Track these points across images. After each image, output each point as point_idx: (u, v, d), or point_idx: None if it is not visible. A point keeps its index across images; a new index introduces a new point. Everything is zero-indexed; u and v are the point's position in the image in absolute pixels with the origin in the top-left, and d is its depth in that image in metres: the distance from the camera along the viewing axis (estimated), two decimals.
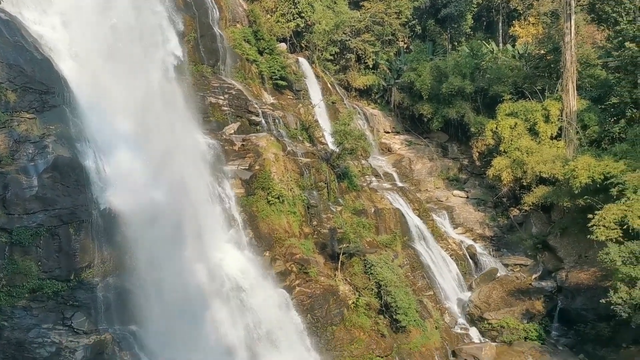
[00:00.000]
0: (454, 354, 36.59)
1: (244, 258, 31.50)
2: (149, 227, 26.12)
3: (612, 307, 31.61)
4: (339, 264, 35.52)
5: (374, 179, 50.14)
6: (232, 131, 39.02)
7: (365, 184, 46.38)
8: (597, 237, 34.59)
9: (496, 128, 50.12)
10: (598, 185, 37.89)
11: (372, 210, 42.18)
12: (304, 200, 37.54)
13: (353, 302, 33.66)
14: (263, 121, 42.38)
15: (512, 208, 50.46)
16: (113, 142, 27.08)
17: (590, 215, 35.73)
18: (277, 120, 43.65)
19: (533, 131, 48.83)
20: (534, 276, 43.43)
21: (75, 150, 25.93)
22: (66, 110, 26.65)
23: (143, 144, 27.52)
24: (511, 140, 48.81)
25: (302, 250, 34.69)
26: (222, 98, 41.12)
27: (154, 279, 25.89)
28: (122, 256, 25.77)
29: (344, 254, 35.62)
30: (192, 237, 28.54)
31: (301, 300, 32.43)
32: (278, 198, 35.14)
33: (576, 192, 39.04)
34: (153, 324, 25.31)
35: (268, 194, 35.10)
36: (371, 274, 35.45)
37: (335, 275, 35.19)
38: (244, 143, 37.35)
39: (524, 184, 47.48)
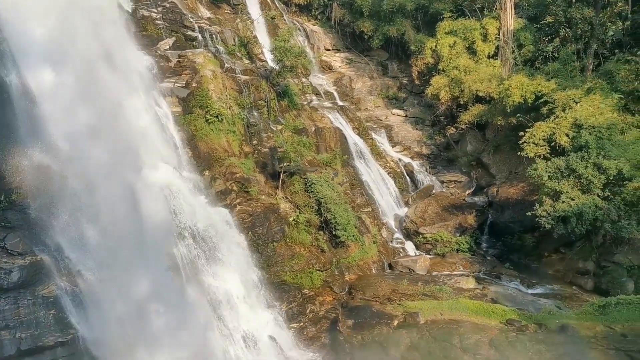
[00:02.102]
0: (390, 266, 38.29)
1: (183, 177, 31.13)
2: (82, 146, 25.18)
3: (537, 219, 33.66)
4: (280, 182, 35.79)
5: (314, 97, 49.87)
6: (167, 47, 37.48)
7: (305, 103, 46.12)
8: (526, 153, 36.23)
9: (436, 46, 50.32)
10: (530, 104, 39.24)
11: (313, 129, 42.23)
12: (244, 119, 37.10)
13: (294, 220, 34.22)
14: (199, 37, 40.83)
15: (449, 126, 51.70)
16: (37, 55, 25.24)
17: (521, 133, 37.20)
18: (214, 36, 42.14)
19: (471, 50, 49.36)
20: (467, 192, 45.36)
21: None
22: None
23: (71, 56, 25.85)
24: (450, 59, 49.23)
25: (242, 170, 34.63)
26: (156, 11, 39.12)
27: (90, 202, 25.28)
28: (54, 178, 24.88)
29: (284, 172, 35.84)
30: (128, 157, 27.80)
31: (242, 218, 32.73)
32: (217, 117, 34.52)
33: (509, 110, 40.35)
34: (90, 244, 24.96)
35: (206, 112, 34.39)
36: (311, 191, 35.97)
37: (276, 193, 35.52)
38: (179, 59, 36.04)
39: (461, 102, 48.48)
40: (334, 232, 35.15)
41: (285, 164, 35.80)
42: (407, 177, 47.44)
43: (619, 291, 31.89)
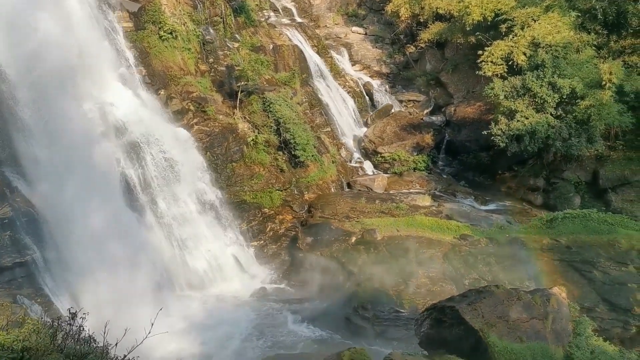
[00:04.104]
0: (349, 185, 38.86)
1: (138, 96, 30.24)
2: (27, 63, 23.99)
3: (492, 138, 34.38)
4: (237, 102, 35.19)
5: (272, 14, 48.35)
6: None
7: (263, 19, 44.72)
8: (484, 72, 36.37)
9: None
10: (489, 22, 38.96)
11: (271, 46, 41.19)
12: (199, 36, 35.81)
13: (252, 140, 33.98)
14: None
15: (408, 45, 51.18)
16: None
17: (480, 52, 37.14)
18: None
19: None
20: (425, 111, 45.67)
21: None
22: None
23: None
24: None
25: (198, 89, 33.82)
26: None
27: (39, 123, 24.37)
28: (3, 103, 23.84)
29: (242, 92, 35.18)
30: (78, 76, 26.71)
31: (200, 138, 32.33)
32: (171, 33, 33.21)
33: (469, 28, 40.02)
34: (41, 167, 24.30)
35: (160, 28, 33.00)
36: (270, 111, 35.57)
37: (233, 113, 35.00)
38: None
39: (421, 20, 47.78)
40: (293, 152, 35.17)
41: (242, 83, 35.07)
42: (367, 97, 47.29)
43: (566, 206, 33.37)
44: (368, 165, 41.58)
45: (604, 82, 32.93)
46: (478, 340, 16.88)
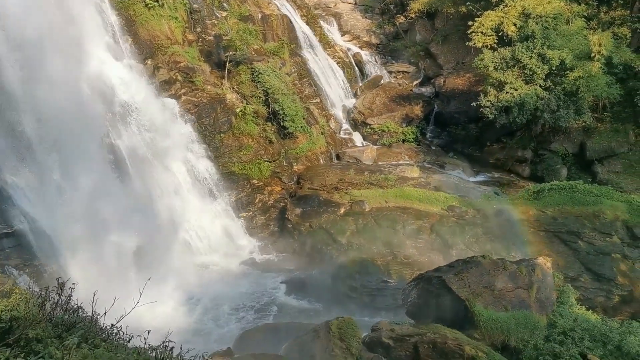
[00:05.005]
0: (337, 157, 38.84)
1: (124, 66, 29.81)
2: (15, 34, 23.47)
3: (481, 109, 34.40)
4: (226, 72, 34.83)
5: None
6: None
7: None
8: (474, 43, 36.18)
9: None
10: None
11: (259, 16, 40.59)
12: (186, 5, 35.16)
13: (241, 110, 33.74)
14: None
15: (398, 15, 50.72)
16: None
17: (470, 23, 36.90)
18: None
19: None
20: (415, 83, 45.53)
21: None
22: None
23: None
24: None
25: (186, 58, 33.39)
26: None
27: (28, 95, 23.97)
28: None
29: (230, 62, 34.78)
30: (63, 43, 26.14)
31: (188, 109, 32.04)
32: (157, 1, 32.56)
33: None
34: (31, 139, 24.01)
35: None
36: (258, 82, 35.27)
37: (222, 83, 34.66)
38: None
39: None
40: (282, 123, 35.00)
41: (231, 53, 34.67)
42: (356, 68, 46.94)
43: (553, 177, 33.69)
44: (357, 137, 41.52)
45: (593, 54, 32.95)
46: (464, 309, 17.19)
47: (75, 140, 25.34)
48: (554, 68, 33.13)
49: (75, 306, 8.10)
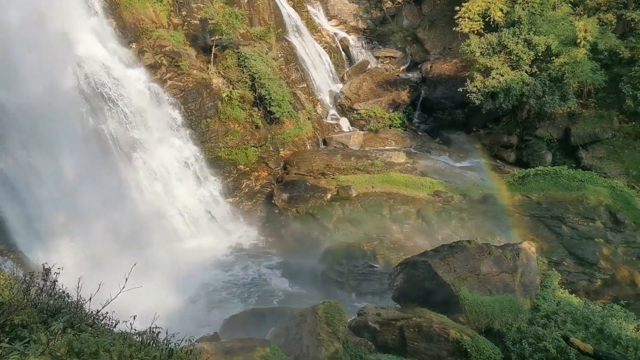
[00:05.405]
0: (324, 142, 38.79)
1: (108, 50, 29.42)
2: None
3: (467, 95, 34.49)
4: (212, 56, 34.52)
5: None
6: None
7: None
8: (461, 29, 36.22)
9: None
10: None
11: (245, 0, 40.20)
12: None
13: (227, 95, 33.51)
14: None
15: (385, 0, 50.43)
16: None
17: (457, 8, 36.84)
18: None
19: None
20: (402, 68, 45.47)
21: None
22: None
23: None
24: None
25: (172, 42, 33.04)
26: None
27: (8, 78, 23.59)
28: None
29: (216, 46, 34.47)
30: (47, 24, 25.69)
31: (174, 93, 31.76)
32: None
33: None
34: (14, 127, 23.67)
35: None
36: (245, 66, 35.00)
37: (208, 68, 34.36)
38: None
39: None
40: (268, 109, 34.83)
41: (217, 37, 34.33)
42: (343, 52, 46.77)
43: (538, 163, 33.95)
44: (344, 122, 41.46)
45: (578, 40, 33.09)
46: (449, 293, 17.33)
47: (58, 124, 25.05)
48: (539, 54, 33.26)
49: (61, 291, 8.05)
